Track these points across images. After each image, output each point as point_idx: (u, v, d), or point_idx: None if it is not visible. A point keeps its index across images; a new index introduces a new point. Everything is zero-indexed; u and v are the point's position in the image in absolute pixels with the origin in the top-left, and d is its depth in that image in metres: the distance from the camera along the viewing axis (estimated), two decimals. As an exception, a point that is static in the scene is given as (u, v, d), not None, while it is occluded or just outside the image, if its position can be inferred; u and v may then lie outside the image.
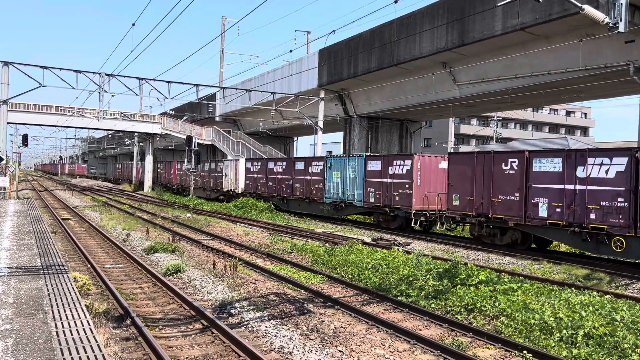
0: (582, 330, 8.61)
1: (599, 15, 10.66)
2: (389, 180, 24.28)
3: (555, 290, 11.64)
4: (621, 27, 10.16)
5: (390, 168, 24.36)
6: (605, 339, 8.29)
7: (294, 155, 59.05)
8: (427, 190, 22.91)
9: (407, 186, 23.27)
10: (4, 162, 31.97)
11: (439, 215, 21.41)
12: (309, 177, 30.34)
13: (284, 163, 33.43)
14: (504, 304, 10.08)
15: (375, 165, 25.38)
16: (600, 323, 8.89)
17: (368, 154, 26.45)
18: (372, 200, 25.32)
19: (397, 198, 23.77)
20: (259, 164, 36.53)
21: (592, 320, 9.00)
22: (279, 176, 33.53)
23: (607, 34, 16.75)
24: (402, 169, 23.66)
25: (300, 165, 31.38)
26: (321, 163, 29.56)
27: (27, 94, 35.24)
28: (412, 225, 23.03)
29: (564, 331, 8.64)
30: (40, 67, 29.26)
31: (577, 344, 8.28)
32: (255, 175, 36.71)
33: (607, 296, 11.37)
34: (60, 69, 29.90)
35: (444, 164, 23.04)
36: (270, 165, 34.89)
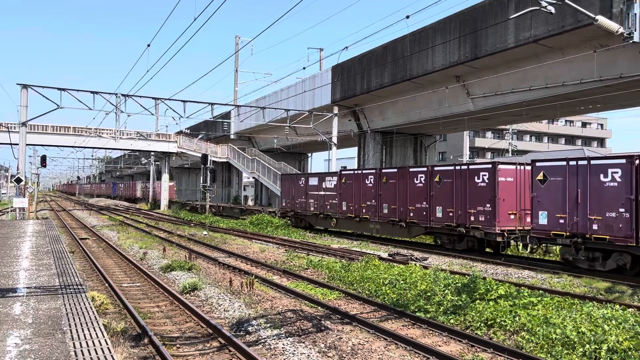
0: (605, 344, 8.43)
1: (613, 25, 10.62)
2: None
3: (576, 304, 11.44)
4: (636, 37, 10.12)
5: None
6: (630, 353, 8.12)
7: (309, 171, 58.96)
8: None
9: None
10: (22, 182, 32.39)
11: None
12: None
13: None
14: (524, 318, 9.93)
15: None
16: (624, 337, 8.71)
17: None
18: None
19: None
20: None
21: (615, 335, 8.82)
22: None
23: (622, 44, 16.63)
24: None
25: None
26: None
27: (45, 116, 35.77)
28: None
29: (587, 346, 8.48)
30: (58, 89, 29.69)
31: (601, 359, 8.11)
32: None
33: (630, 309, 11.15)
34: (78, 90, 30.31)
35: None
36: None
